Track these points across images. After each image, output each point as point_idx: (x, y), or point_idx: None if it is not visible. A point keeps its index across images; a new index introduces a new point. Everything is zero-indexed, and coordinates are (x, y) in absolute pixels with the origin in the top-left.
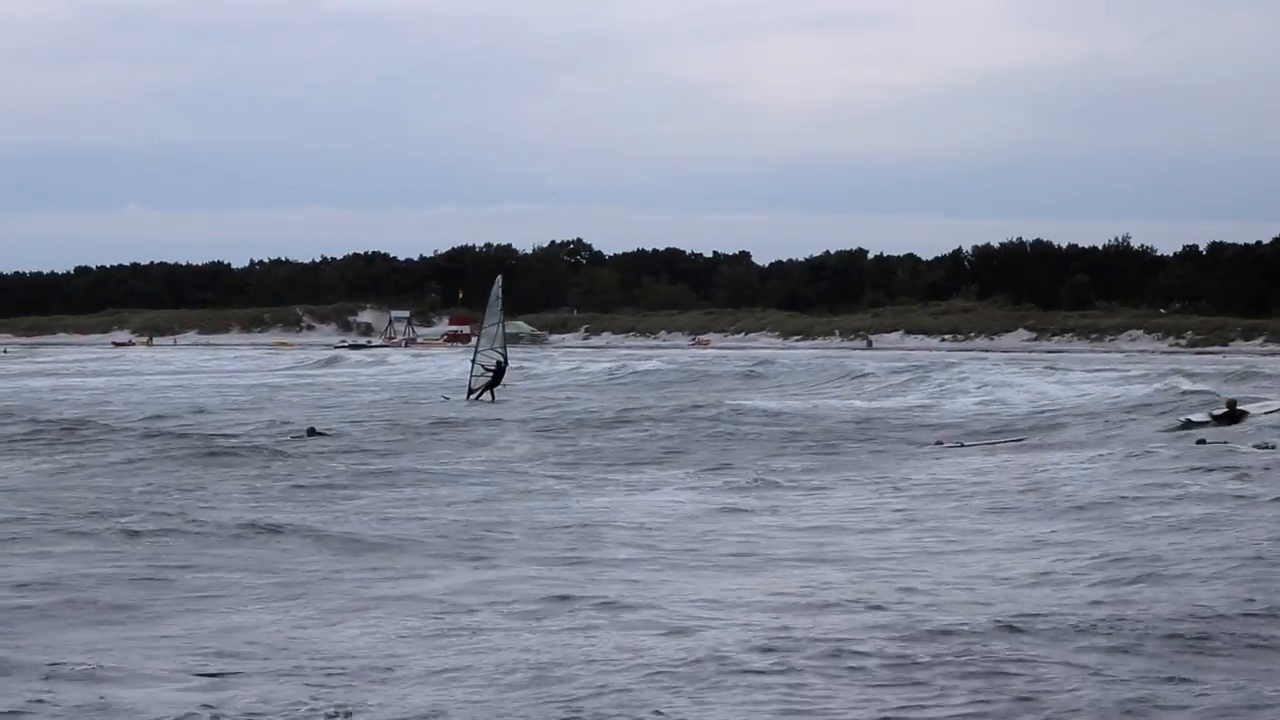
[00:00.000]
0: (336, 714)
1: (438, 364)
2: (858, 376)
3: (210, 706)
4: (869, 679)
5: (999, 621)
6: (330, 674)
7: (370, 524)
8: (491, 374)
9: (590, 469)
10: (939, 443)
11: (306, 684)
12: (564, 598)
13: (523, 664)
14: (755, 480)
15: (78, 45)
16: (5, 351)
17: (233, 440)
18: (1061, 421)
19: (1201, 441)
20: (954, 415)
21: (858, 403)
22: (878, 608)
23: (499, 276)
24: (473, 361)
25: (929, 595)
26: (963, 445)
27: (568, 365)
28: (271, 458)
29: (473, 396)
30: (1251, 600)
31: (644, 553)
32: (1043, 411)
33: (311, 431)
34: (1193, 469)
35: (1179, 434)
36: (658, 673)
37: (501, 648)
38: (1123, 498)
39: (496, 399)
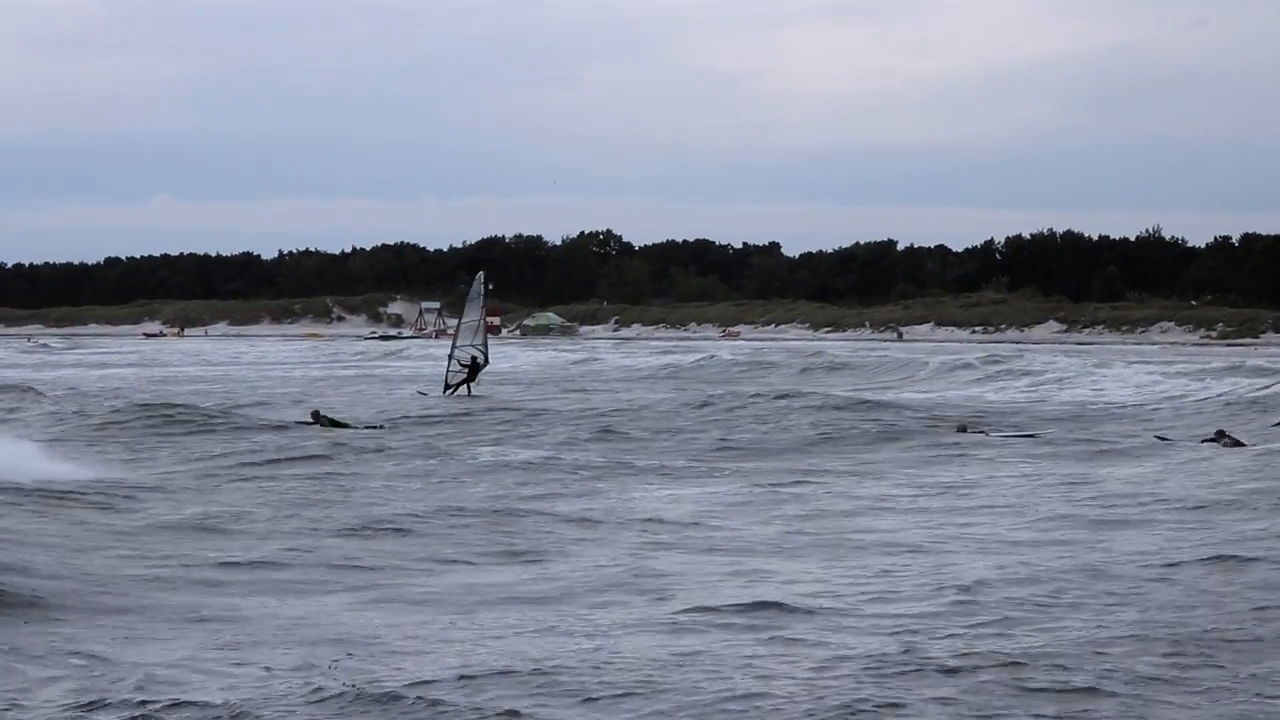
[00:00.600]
0: None
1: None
2: (925, 367)
3: None
4: None
5: None
6: None
7: None
8: (467, 369)
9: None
10: (962, 429)
11: None
12: None
13: None
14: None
15: (106, 34)
16: (30, 341)
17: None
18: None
19: None
20: (1065, 406)
21: (975, 391)
22: None
23: (480, 273)
24: (450, 357)
25: None
26: (985, 434)
27: (623, 358)
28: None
29: (449, 391)
30: None
31: None
32: (1152, 404)
33: (316, 415)
34: None
35: None
36: None
37: None
38: None
39: (472, 393)
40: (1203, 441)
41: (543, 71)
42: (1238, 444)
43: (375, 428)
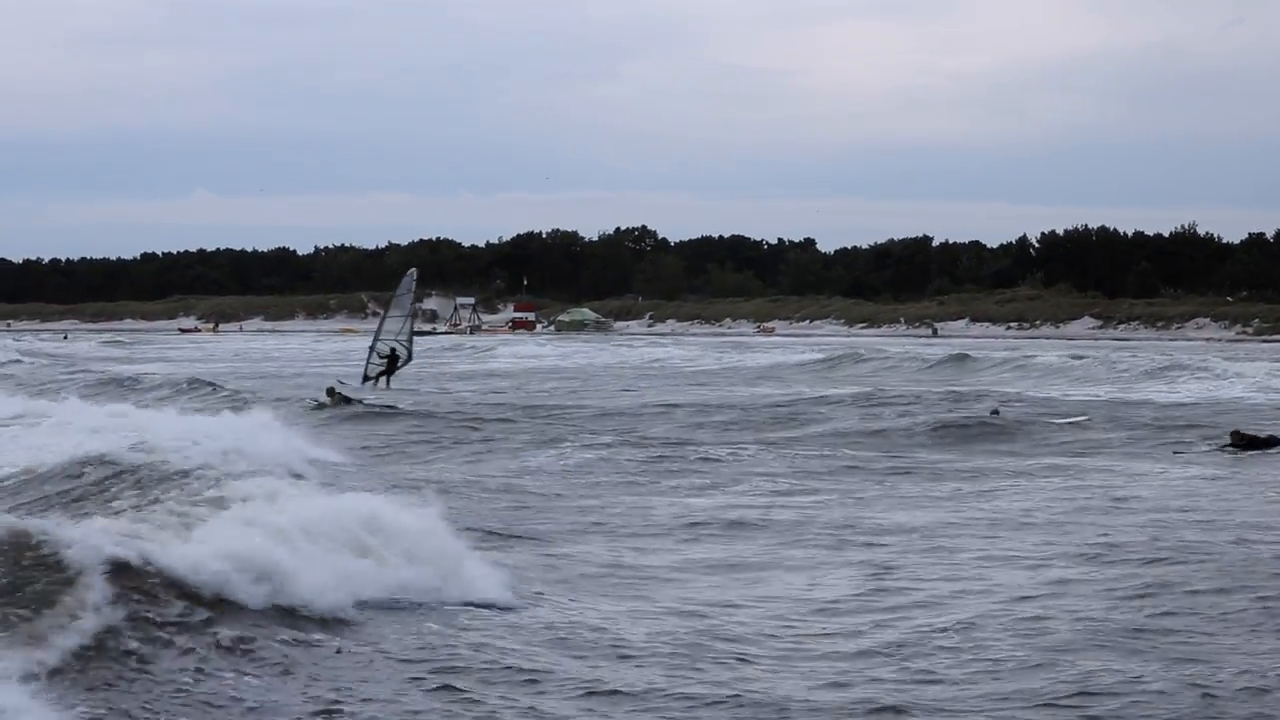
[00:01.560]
0: None
1: (562, 350)
2: (1047, 366)
3: None
4: None
5: None
6: None
7: None
8: (386, 360)
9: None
10: (994, 412)
11: None
12: None
13: None
14: None
15: (145, 31)
16: (66, 338)
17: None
18: None
19: None
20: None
21: (1156, 394)
22: None
23: (412, 270)
24: (370, 349)
25: None
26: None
27: (696, 355)
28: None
29: (368, 383)
30: None
31: None
32: None
33: (331, 392)
34: None
35: None
36: None
37: None
38: None
39: (391, 386)
40: (1222, 449)
41: (580, 68)
42: (1257, 442)
43: None
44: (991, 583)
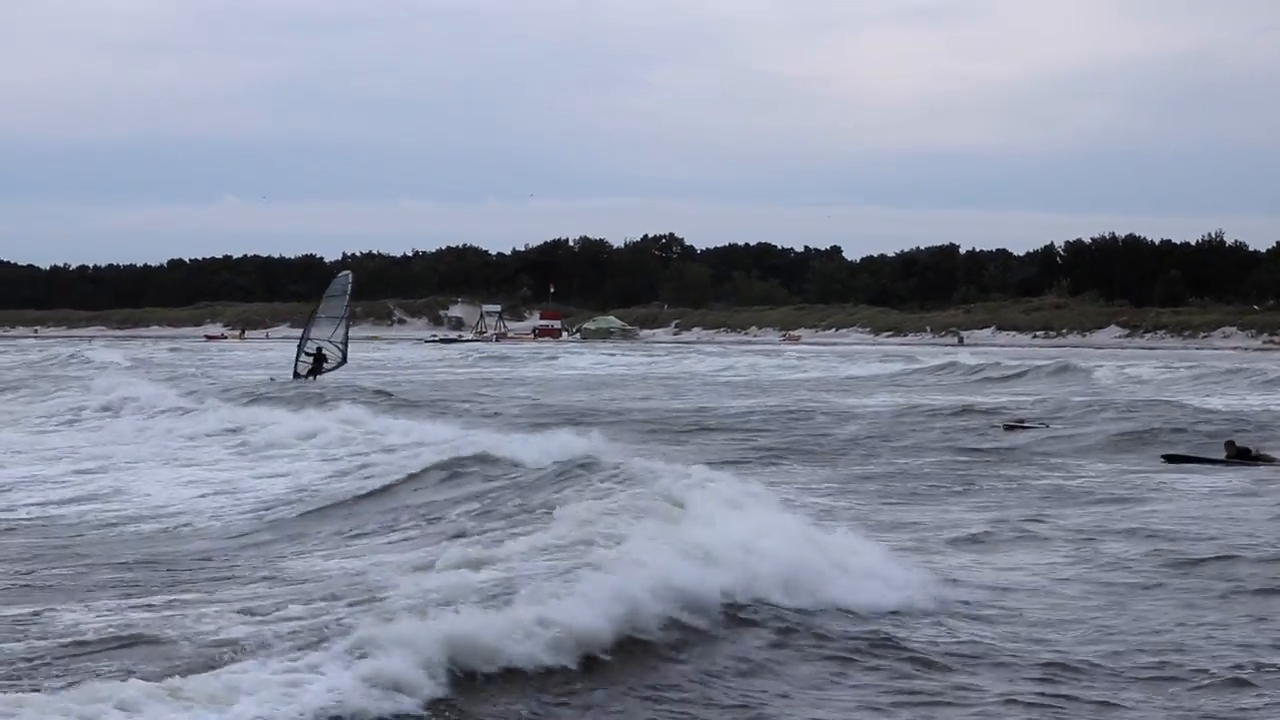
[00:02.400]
0: None
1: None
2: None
3: None
4: None
5: None
6: None
7: None
8: (313, 358)
9: None
10: (1010, 427)
11: None
12: None
13: None
14: None
15: (174, 37)
16: (90, 343)
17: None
18: None
19: None
20: None
21: None
22: None
23: (346, 272)
24: (299, 348)
25: None
26: (1026, 426)
27: (768, 362)
28: None
29: (298, 379)
30: None
31: None
32: None
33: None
34: None
35: None
36: None
37: None
38: None
39: (317, 380)
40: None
41: (607, 75)
42: (1260, 458)
43: None
44: None
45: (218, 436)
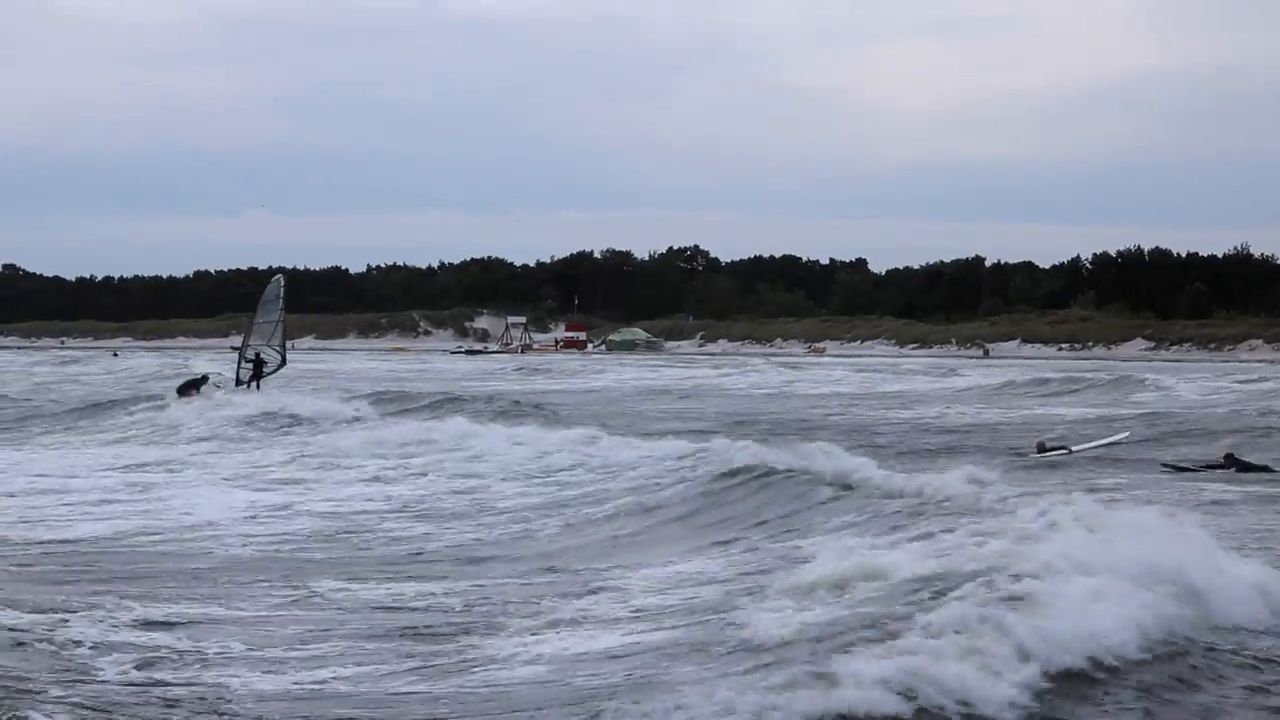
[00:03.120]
0: None
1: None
2: None
3: None
4: None
5: None
6: None
7: None
8: (253, 364)
9: None
10: (1042, 448)
11: None
12: None
13: None
14: None
15: (201, 49)
16: (116, 355)
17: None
18: None
19: None
20: None
21: None
22: None
23: (279, 276)
24: (240, 355)
25: None
26: (1069, 450)
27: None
28: None
29: (240, 386)
30: None
31: None
32: None
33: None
34: None
35: None
36: None
37: None
38: None
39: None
40: (1207, 468)
41: (633, 87)
42: (1251, 468)
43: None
44: None
45: (451, 451)
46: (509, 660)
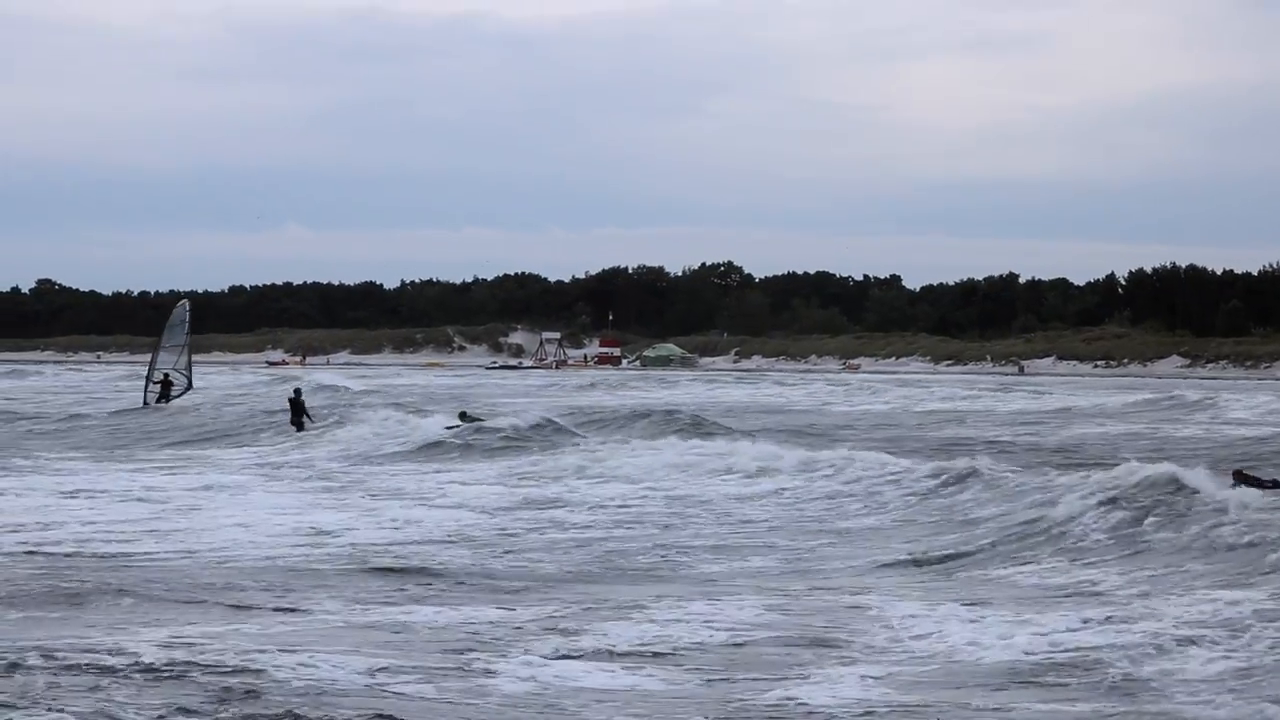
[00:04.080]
0: None
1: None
2: None
3: None
4: None
5: None
6: None
7: None
8: (160, 385)
9: None
10: (1240, 476)
11: None
12: None
13: None
14: None
15: (234, 66)
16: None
17: None
18: None
19: None
20: None
21: None
22: None
23: (184, 301)
24: (147, 378)
25: None
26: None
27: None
28: None
29: (148, 405)
30: None
31: None
32: None
33: (463, 415)
34: None
35: None
36: None
37: None
38: None
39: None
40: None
41: (666, 103)
42: (1260, 483)
43: None
44: None
45: (803, 471)
46: None
